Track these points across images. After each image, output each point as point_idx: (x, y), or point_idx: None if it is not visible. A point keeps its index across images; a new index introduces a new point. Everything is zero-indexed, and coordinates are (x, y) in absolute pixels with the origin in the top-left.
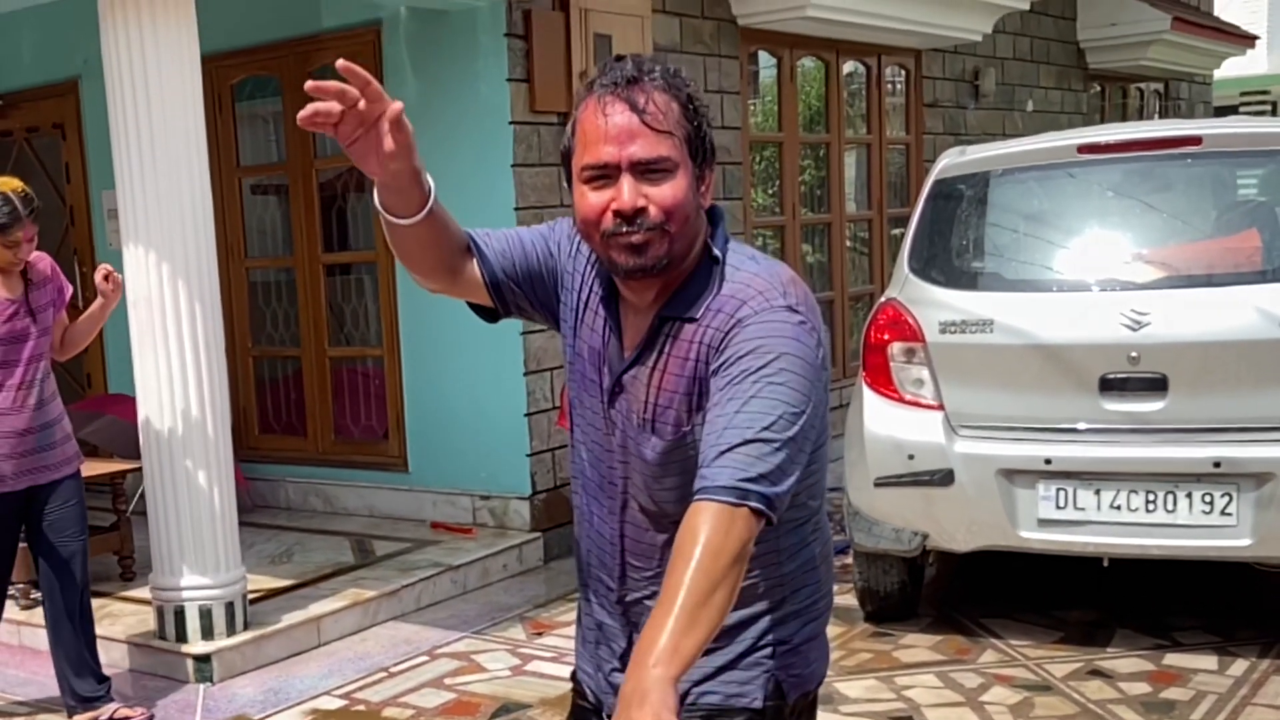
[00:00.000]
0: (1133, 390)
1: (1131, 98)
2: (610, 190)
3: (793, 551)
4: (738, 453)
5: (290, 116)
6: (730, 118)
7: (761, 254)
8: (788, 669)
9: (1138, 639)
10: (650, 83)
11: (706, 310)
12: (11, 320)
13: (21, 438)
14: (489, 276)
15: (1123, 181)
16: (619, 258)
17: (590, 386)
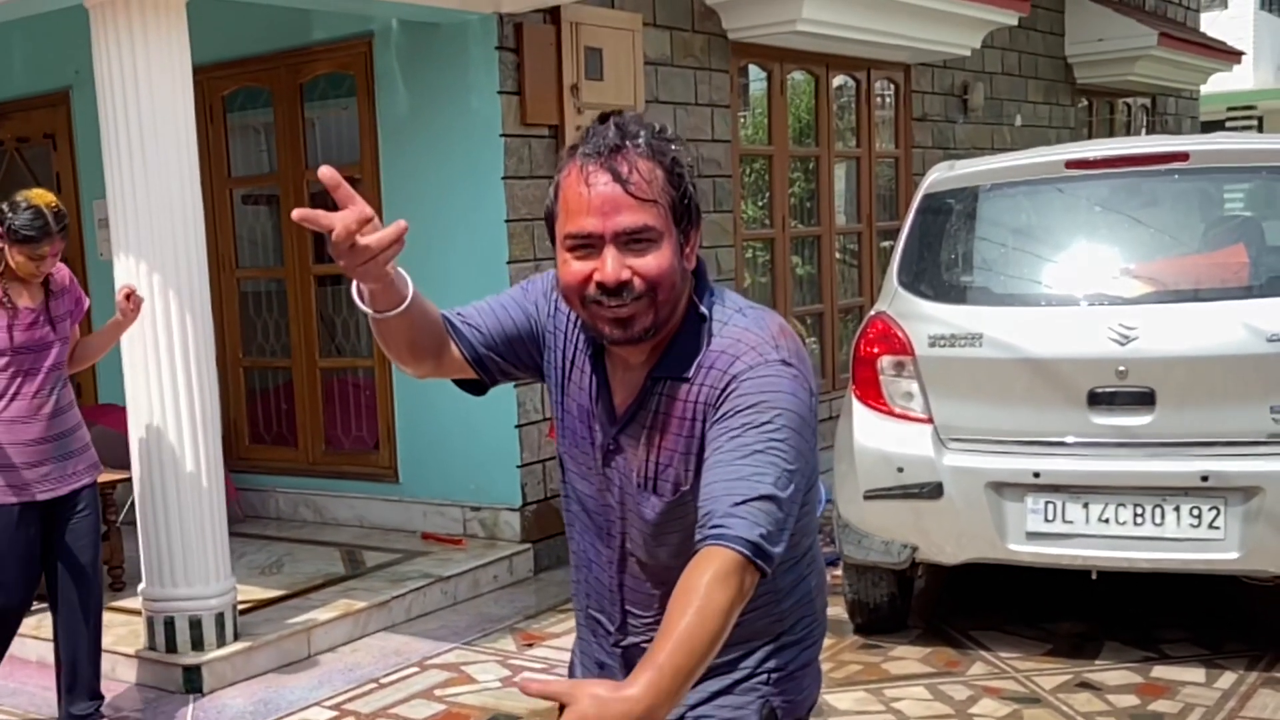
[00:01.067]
0: (1121, 404)
1: (1119, 112)
2: (594, 260)
3: (790, 589)
4: (752, 507)
5: (282, 128)
6: (720, 131)
7: (748, 303)
8: (782, 695)
9: (1126, 651)
10: (634, 149)
11: (699, 368)
12: (31, 329)
13: (37, 446)
14: (469, 354)
15: (1110, 197)
16: (605, 329)
17: (582, 443)
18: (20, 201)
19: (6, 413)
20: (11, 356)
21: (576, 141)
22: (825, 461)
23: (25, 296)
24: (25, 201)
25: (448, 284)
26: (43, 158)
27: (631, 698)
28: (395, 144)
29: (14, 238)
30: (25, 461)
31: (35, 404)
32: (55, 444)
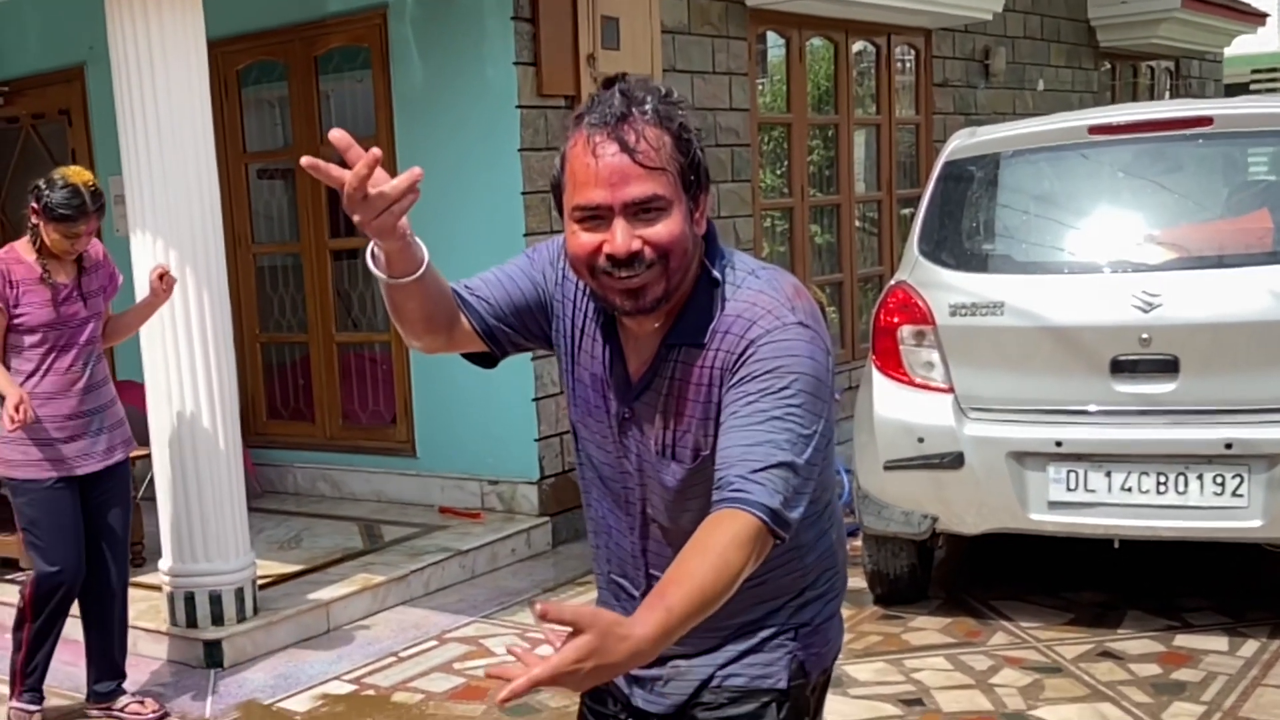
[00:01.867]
0: (1144, 372)
1: (1142, 76)
2: (603, 231)
3: (813, 544)
4: (771, 474)
5: (296, 101)
6: (739, 99)
7: (760, 264)
8: (809, 648)
9: (1148, 620)
10: (641, 117)
11: (714, 333)
12: (65, 304)
13: (72, 421)
14: (479, 325)
15: (1133, 162)
16: (616, 300)
17: (596, 412)
18: (57, 179)
19: (41, 387)
20: (46, 332)
21: (582, 110)
22: (845, 432)
23: (61, 272)
24: (62, 179)
25: (463, 257)
26: (58, 134)
27: (641, 639)
28: (410, 116)
29: (50, 215)
30: (60, 436)
31: (69, 379)
32: (89, 419)
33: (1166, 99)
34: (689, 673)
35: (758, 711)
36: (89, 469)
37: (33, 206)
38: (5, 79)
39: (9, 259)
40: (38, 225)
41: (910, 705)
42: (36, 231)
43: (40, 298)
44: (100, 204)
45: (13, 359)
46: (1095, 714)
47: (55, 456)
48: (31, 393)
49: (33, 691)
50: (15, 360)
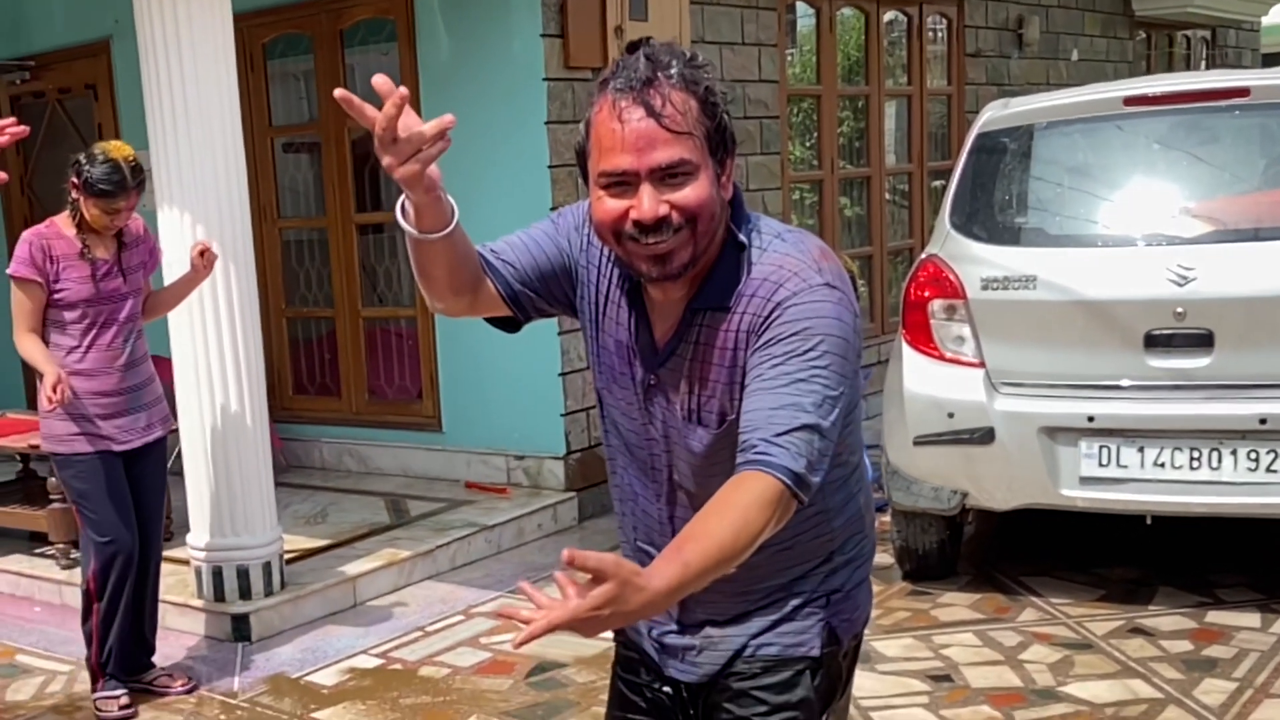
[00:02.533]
0: (1178, 346)
1: (1178, 45)
2: (629, 197)
3: (841, 507)
4: (795, 437)
5: (322, 75)
6: (768, 71)
7: (785, 227)
8: (840, 615)
9: (1180, 596)
10: (667, 81)
11: (739, 296)
12: (105, 279)
13: (112, 398)
14: (504, 289)
15: (1169, 134)
16: (643, 266)
17: (621, 379)
18: (98, 154)
19: (82, 364)
20: (86, 308)
21: (606, 75)
22: (874, 407)
23: (101, 248)
24: (103, 154)
25: (489, 231)
26: (84, 108)
27: (655, 591)
28: (436, 89)
29: (89, 191)
30: (100, 413)
31: (110, 355)
32: (129, 396)
33: (1203, 69)
34: (722, 643)
35: (791, 680)
36: (129, 445)
37: (72, 181)
38: (31, 54)
39: (49, 234)
40: (77, 200)
41: (939, 681)
42: (76, 206)
43: (80, 273)
44: (141, 180)
45: (54, 335)
46: (1126, 690)
47: (98, 432)
48: (73, 369)
49: (114, 679)
50: (57, 336)
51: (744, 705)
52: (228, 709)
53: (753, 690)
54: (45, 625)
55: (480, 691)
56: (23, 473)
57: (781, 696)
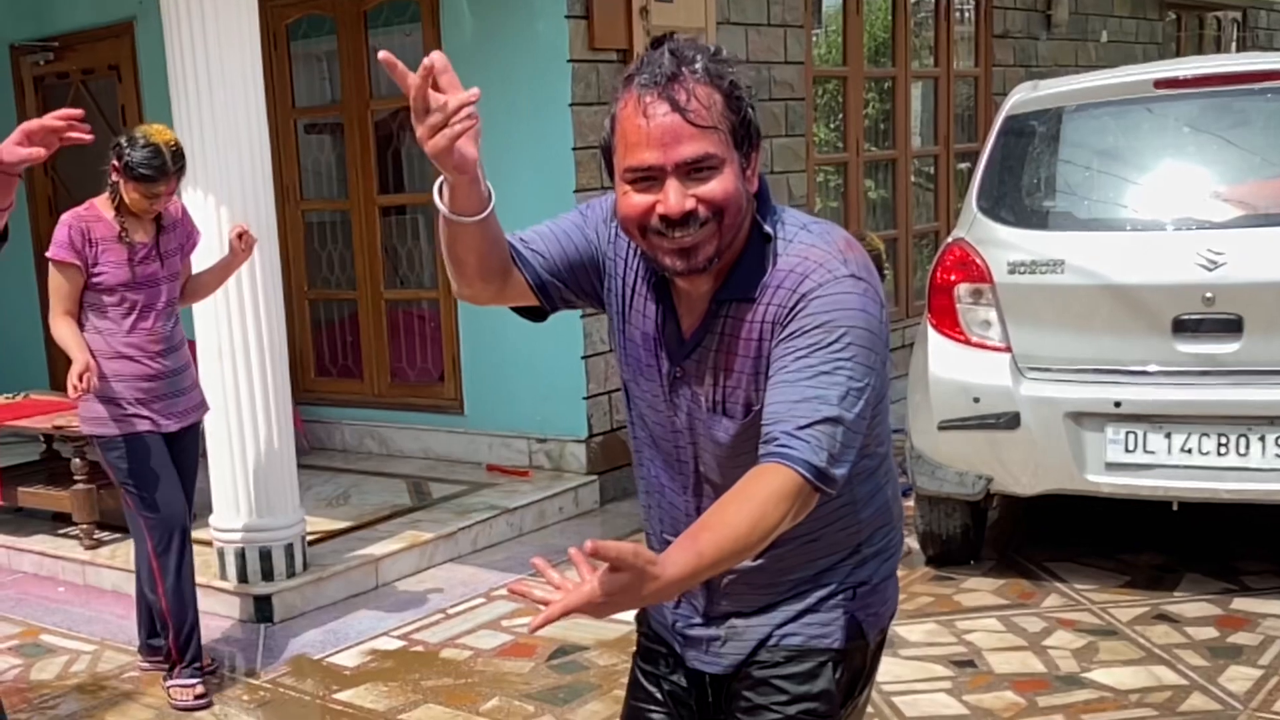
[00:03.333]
0: (1206, 332)
1: (1208, 27)
2: (655, 192)
3: (868, 498)
4: (818, 430)
5: (345, 56)
6: (793, 52)
7: (811, 218)
8: (867, 608)
9: (1206, 583)
10: (691, 76)
11: (764, 288)
12: (143, 263)
13: (151, 382)
14: (532, 278)
15: (1199, 117)
16: (668, 260)
17: (648, 371)
18: (139, 137)
19: (122, 348)
20: (125, 292)
21: (631, 70)
22: (898, 391)
23: (139, 231)
24: (144, 138)
25: (513, 214)
26: (108, 90)
27: (668, 580)
28: (460, 71)
29: (130, 174)
30: (143, 396)
31: (151, 339)
32: (170, 380)
33: (1233, 51)
34: (746, 633)
35: (813, 670)
36: (168, 430)
37: (113, 164)
38: (55, 34)
39: (88, 216)
40: (117, 183)
41: (962, 666)
42: (116, 189)
43: (118, 256)
44: (181, 165)
45: (95, 318)
46: (1150, 677)
47: (142, 413)
48: (117, 351)
49: (191, 666)
50: (98, 320)
51: (763, 693)
52: (250, 690)
53: (773, 679)
54: (69, 605)
55: (502, 674)
56: (46, 453)
57: (802, 687)
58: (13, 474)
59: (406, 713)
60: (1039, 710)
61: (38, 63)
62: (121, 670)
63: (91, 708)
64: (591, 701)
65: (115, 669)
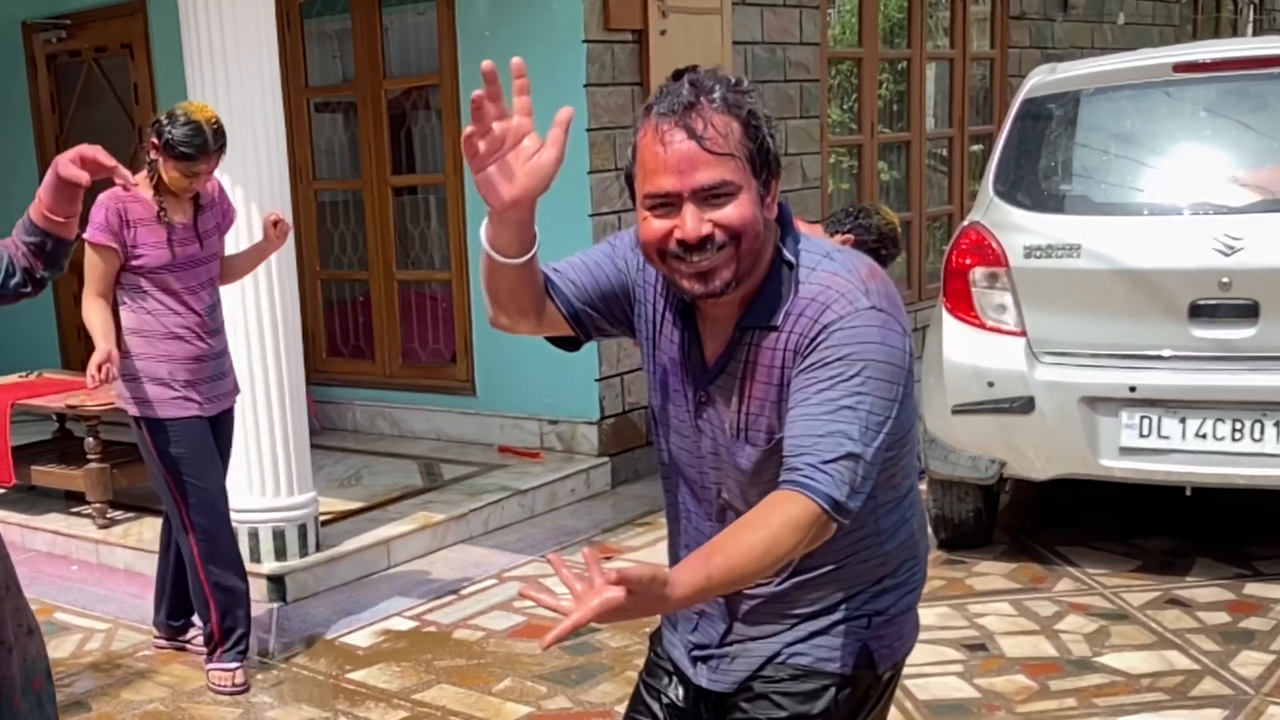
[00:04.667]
0: (1223, 317)
1: (1225, 9)
2: (674, 218)
3: (894, 530)
4: (839, 466)
5: (359, 35)
6: (809, 33)
7: (834, 246)
8: (880, 640)
9: (1218, 568)
10: (709, 105)
11: (787, 316)
12: (182, 244)
13: (200, 364)
14: (566, 308)
15: (1218, 101)
16: (685, 284)
17: (675, 396)
18: (179, 115)
19: (174, 328)
20: (166, 273)
21: (651, 100)
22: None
23: (178, 211)
24: (185, 115)
25: None
26: (120, 68)
27: (674, 600)
28: (474, 50)
29: (170, 153)
30: (189, 377)
31: (193, 321)
32: (212, 362)
33: (1249, 33)
34: (756, 649)
35: (815, 692)
36: (210, 413)
37: (152, 142)
38: (68, 12)
39: (125, 196)
40: (156, 161)
41: (974, 650)
42: (154, 168)
43: (157, 237)
44: (222, 142)
45: (140, 300)
46: (1162, 661)
47: (188, 395)
48: (169, 332)
49: (233, 651)
50: (144, 301)
51: (760, 708)
52: (264, 669)
53: (773, 694)
54: (83, 584)
55: (514, 655)
56: (59, 432)
57: (801, 706)
58: (25, 453)
59: (420, 693)
60: (1051, 694)
61: (50, 40)
62: (135, 649)
63: (106, 685)
64: (604, 683)
65: (129, 647)
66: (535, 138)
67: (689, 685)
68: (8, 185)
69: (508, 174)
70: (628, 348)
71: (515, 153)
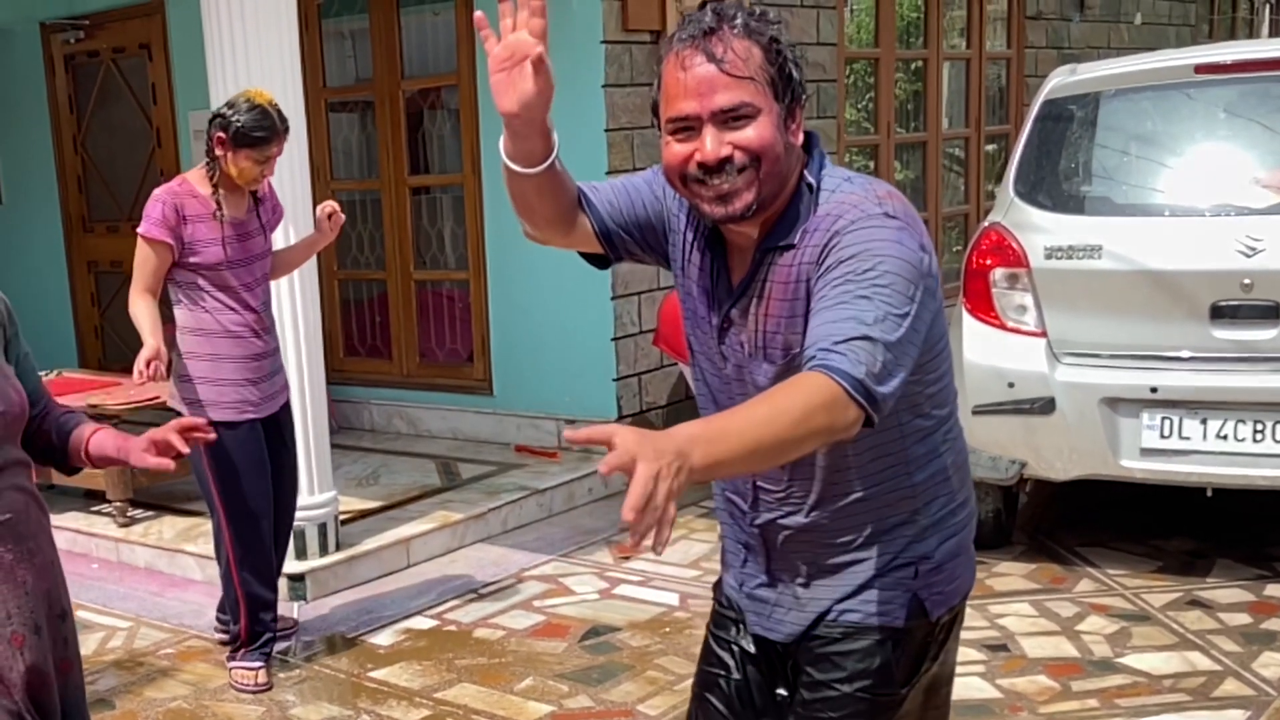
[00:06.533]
0: (1244, 318)
1: (1241, 9)
2: (694, 141)
3: (923, 461)
4: (855, 345)
5: (377, 34)
6: (826, 33)
7: (859, 174)
8: (930, 587)
9: (1239, 569)
10: (730, 30)
11: (804, 234)
12: (245, 240)
13: (259, 361)
14: (598, 226)
15: (1239, 102)
16: (706, 207)
17: (702, 323)
18: (240, 103)
19: (232, 326)
20: (223, 270)
21: (675, 30)
22: None
23: (235, 207)
24: (248, 101)
25: None
26: (138, 68)
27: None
28: None
29: (242, 140)
30: (249, 377)
31: (250, 318)
32: (268, 360)
33: (1265, 32)
34: (808, 604)
35: (870, 648)
36: (270, 411)
37: (218, 136)
38: (86, 13)
39: (182, 192)
40: (222, 156)
41: (995, 651)
42: (215, 164)
43: (213, 234)
44: (286, 123)
45: (197, 298)
46: (1184, 662)
47: (246, 398)
48: (228, 330)
49: (257, 651)
50: (201, 299)
51: (823, 670)
52: (285, 667)
53: (833, 654)
54: (103, 582)
55: (535, 654)
56: None
57: (860, 664)
58: None
59: (441, 691)
60: (1073, 695)
61: (68, 41)
62: (158, 647)
63: (130, 683)
64: (625, 682)
65: (151, 645)
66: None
67: (755, 633)
68: (25, 185)
69: (510, 87)
70: (645, 348)
71: (520, 69)
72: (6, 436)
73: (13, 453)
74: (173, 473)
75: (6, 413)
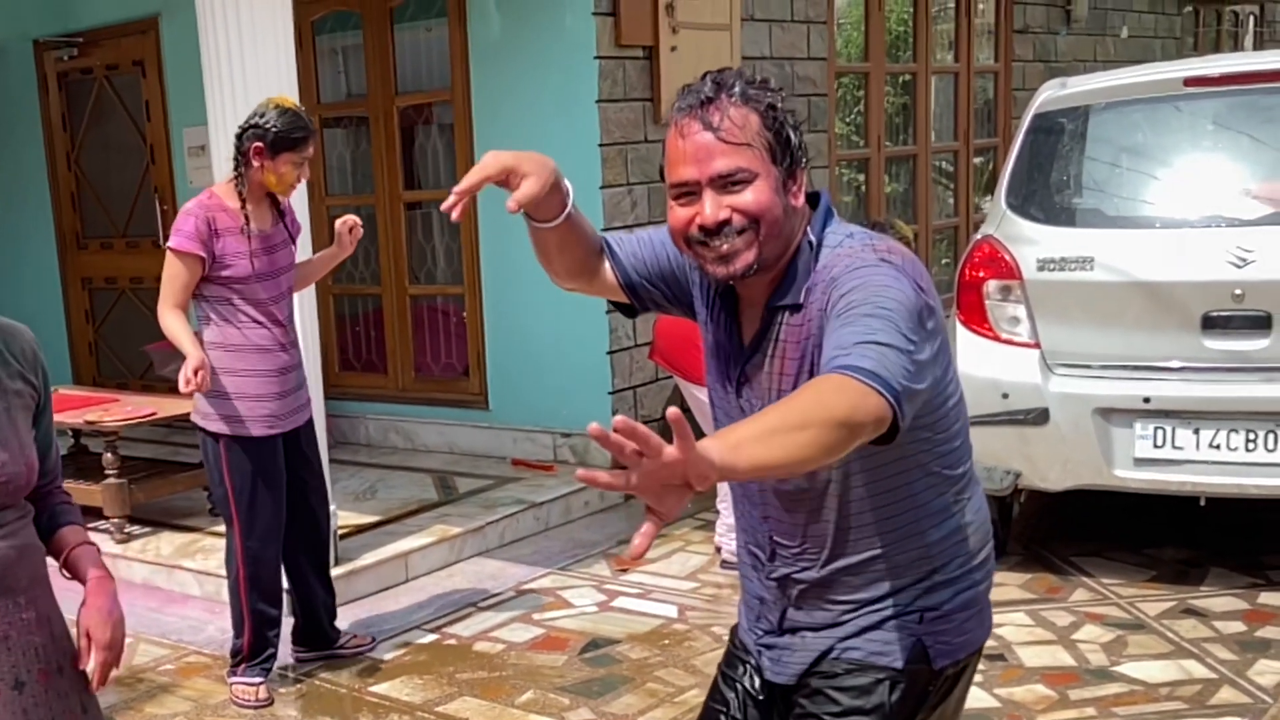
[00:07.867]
0: (1236, 328)
1: (1226, 22)
2: (695, 205)
3: (939, 518)
4: (867, 348)
5: (371, 51)
6: (816, 48)
7: (861, 229)
8: (935, 634)
9: (1232, 578)
10: (727, 99)
11: (808, 291)
12: (272, 252)
13: (284, 376)
14: (622, 278)
15: (1229, 114)
16: (709, 268)
17: (720, 378)
18: (270, 110)
19: (260, 340)
20: (252, 284)
21: (676, 99)
22: None
23: (261, 220)
24: (277, 108)
25: None
26: (132, 86)
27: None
28: (487, 67)
29: (281, 145)
30: (275, 390)
31: (277, 332)
32: (294, 374)
33: (1248, 44)
34: (812, 643)
35: (869, 686)
36: (295, 425)
37: (255, 147)
38: (79, 30)
39: (212, 205)
40: (259, 167)
41: (992, 660)
42: (244, 177)
43: (242, 248)
44: (313, 127)
45: (225, 312)
46: (1180, 670)
47: (272, 412)
48: (256, 345)
49: (258, 668)
50: (229, 313)
51: (817, 703)
52: (286, 682)
53: (829, 689)
54: None
55: (535, 667)
56: (75, 448)
57: (855, 700)
58: None
59: (443, 705)
60: (1071, 703)
61: (62, 58)
62: (158, 663)
63: (130, 700)
64: (626, 695)
65: (151, 661)
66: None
67: (763, 677)
68: (19, 202)
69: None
70: (640, 361)
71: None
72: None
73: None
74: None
75: (9, 483)
